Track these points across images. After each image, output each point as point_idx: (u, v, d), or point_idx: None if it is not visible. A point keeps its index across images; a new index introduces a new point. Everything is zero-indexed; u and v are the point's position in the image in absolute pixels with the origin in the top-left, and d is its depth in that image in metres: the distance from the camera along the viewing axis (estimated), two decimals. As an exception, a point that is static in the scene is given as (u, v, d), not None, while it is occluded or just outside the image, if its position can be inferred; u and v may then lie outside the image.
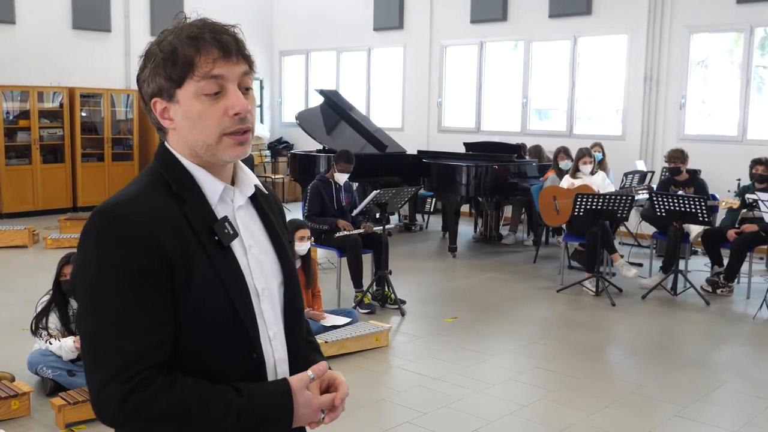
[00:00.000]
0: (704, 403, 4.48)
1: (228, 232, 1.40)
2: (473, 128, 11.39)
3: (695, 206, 6.61)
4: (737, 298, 6.92)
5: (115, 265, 1.29)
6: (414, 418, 4.18)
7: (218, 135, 1.38)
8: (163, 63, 1.36)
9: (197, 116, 1.37)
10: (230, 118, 1.37)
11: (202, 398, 1.30)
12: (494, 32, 11.05)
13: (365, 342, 5.25)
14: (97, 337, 1.29)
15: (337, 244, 6.39)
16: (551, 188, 7.65)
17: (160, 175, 1.41)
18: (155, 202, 1.36)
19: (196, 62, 1.35)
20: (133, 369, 1.26)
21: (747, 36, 8.95)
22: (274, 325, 1.47)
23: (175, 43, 1.35)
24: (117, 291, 1.29)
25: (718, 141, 9.19)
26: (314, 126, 9.51)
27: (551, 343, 5.61)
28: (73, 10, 11.27)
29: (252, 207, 1.52)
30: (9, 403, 4.01)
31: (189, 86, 1.36)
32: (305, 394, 1.38)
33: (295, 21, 13.55)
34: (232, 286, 1.38)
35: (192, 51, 1.34)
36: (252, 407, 1.32)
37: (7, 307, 6.16)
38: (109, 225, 1.31)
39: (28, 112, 10.59)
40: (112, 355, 1.27)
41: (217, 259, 1.37)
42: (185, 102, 1.37)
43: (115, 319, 1.28)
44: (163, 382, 1.27)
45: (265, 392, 1.36)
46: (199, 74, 1.35)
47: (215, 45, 1.35)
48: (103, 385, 1.27)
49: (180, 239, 1.34)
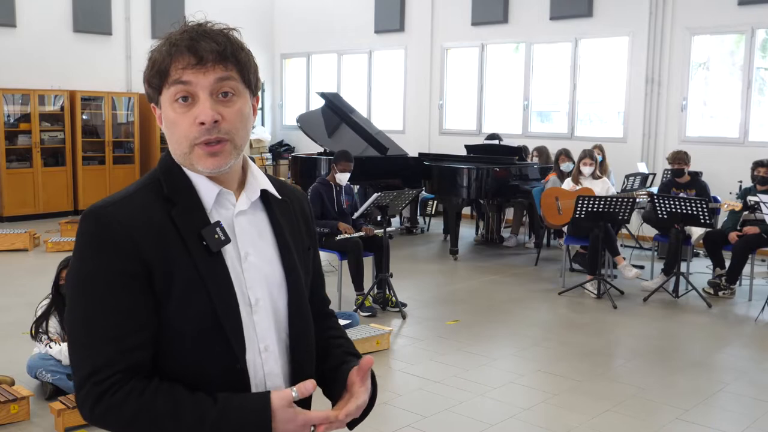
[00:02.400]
0: (706, 406, 4.46)
1: (218, 237, 1.37)
2: (474, 131, 11.38)
3: (697, 208, 6.59)
4: (739, 301, 6.90)
5: (95, 267, 1.30)
6: (415, 421, 4.16)
7: (189, 145, 1.36)
8: (148, 70, 1.38)
9: (171, 124, 1.37)
10: (197, 127, 1.34)
11: (175, 406, 1.28)
12: (495, 34, 11.04)
13: (366, 345, 5.24)
14: (77, 337, 1.32)
15: (338, 247, 6.38)
16: (554, 189, 7.64)
17: (158, 178, 1.40)
18: (141, 206, 1.35)
19: (170, 69, 1.34)
20: (105, 372, 1.27)
21: (748, 38, 8.93)
22: (268, 338, 1.43)
23: (157, 50, 1.36)
24: (94, 294, 1.30)
25: (720, 143, 9.18)
26: (315, 129, 9.50)
27: (553, 345, 5.59)
28: (74, 13, 11.28)
29: (262, 213, 1.48)
30: (8, 407, 4.00)
31: (165, 93, 1.37)
32: (287, 411, 1.31)
33: (296, 23, 13.56)
34: (216, 293, 1.35)
35: (167, 58, 1.34)
36: (227, 419, 1.28)
37: (7, 310, 6.15)
38: (91, 228, 1.32)
39: (29, 115, 10.60)
40: (88, 356, 1.29)
41: (204, 265, 1.34)
42: (164, 109, 1.38)
43: (92, 322, 1.30)
44: (135, 387, 1.27)
45: (242, 405, 1.31)
46: (170, 81, 1.35)
47: (188, 51, 1.33)
48: (80, 385, 1.30)
49: (162, 244, 1.32)
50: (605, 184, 7.44)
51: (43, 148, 10.73)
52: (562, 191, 7.48)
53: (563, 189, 7.50)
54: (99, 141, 11.36)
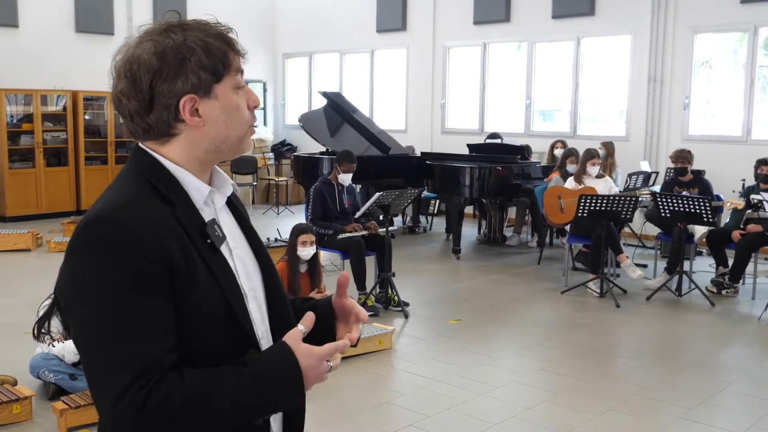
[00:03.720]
0: (709, 405, 4.45)
1: (218, 234, 1.41)
2: (476, 130, 11.37)
3: (699, 207, 6.58)
4: (742, 299, 6.88)
5: (117, 272, 1.26)
6: (418, 420, 4.16)
7: (247, 128, 1.45)
8: (205, 58, 1.36)
9: (235, 110, 1.42)
10: (251, 111, 1.45)
11: (215, 378, 1.29)
12: (497, 33, 11.03)
13: (368, 344, 5.23)
14: (102, 349, 1.26)
15: (341, 247, 6.37)
16: (556, 188, 7.63)
17: (146, 179, 1.38)
18: (150, 207, 1.33)
19: (230, 57, 1.40)
20: (147, 375, 1.24)
21: (751, 36, 8.92)
22: (261, 325, 1.47)
23: (210, 39, 1.38)
24: (124, 300, 1.25)
25: (723, 141, 9.16)
26: (317, 128, 9.49)
27: (555, 345, 5.59)
28: (76, 13, 11.29)
29: (228, 208, 1.53)
30: (11, 407, 4.00)
31: (227, 81, 1.40)
32: (302, 348, 1.36)
33: (298, 23, 13.55)
34: (227, 287, 1.38)
35: (225, 46, 1.39)
36: (259, 373, 1.32)
37: (10, 310, 6.15)
38: (105, 232, 1.28)
39: (31, 115, 10.61)
40: (124, 365, 1.24)
41: (212, 262, 1.37)
42: (224, 96, 1.40)
43: (121, 329, 1.25)
44: (172, 378, 1.26)
45: (267, 355, 1.36)
46: (233, 69, 1.41)
47: (235, 44, 1.42)
48: (119, 396, 1.23)
49: (179, 244, 1.32)
50: (607, 183, 7.43)
51: (45, 148, 10.74)
52: (565, 190, 7.47)
53: (566, 188, 7.49)
54: (101, 141, 11.36)
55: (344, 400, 4.46)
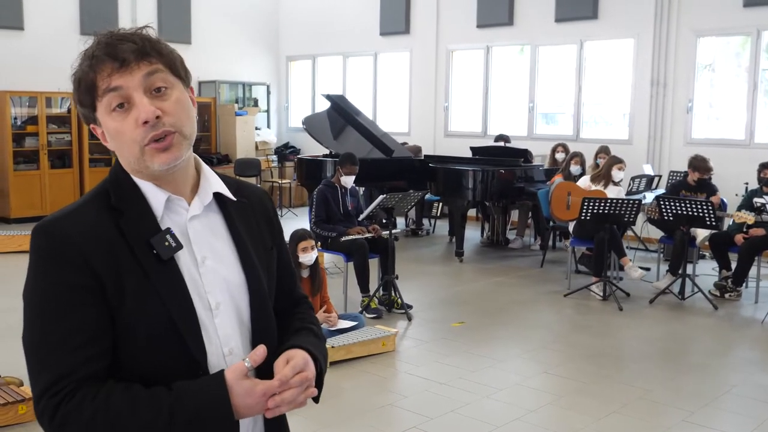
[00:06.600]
0: (712, 409, 4.45)
1: (169, 244, 1.35)
2: (480, 133, 11.38)
3: (703, 210, 6.58)
4: (745, 303, 6.88)
5: (46, 282, 1.32)
6: (421, 423, 4.17)
7: (139, 148, 1.34)
8: (76, 91, 1.37)
9: (116, 134, 1.36)
10: (141, 128, 1.33)
11: (132, 401, 1.27)
12: (501, 36, 11.05)
13: (372, 347, 5.25)
14: (32, 353, 1.32)
15: (344, 249, 6.39)
16: (568, 184, 7.64)
17: (106, 189, 1.40)
18: (89, 218, 1.35)
19: (96, 81, 1.33)
20: (60, 384, 1.27)
21: (754, 39, 8.92)
22: (233, 341, 1.42)
23: (78, 69, 1.36)
24: (46, 308, 1.31)
25: (726, 145, 9.16)
26: (321, 131, 9.51)
27: (558, 347, 5.60)
28: (81, 15, 11.33)
29: (217, 215, 1.47)
30: (16, 408, 4.02)
31: (100, 107, 1.36)
32: (243, 384, 1.31)
33: (301, 26, 13.58)
34: (171, 300, 1.34)
35: (90, 72, 1.34)
36: (183, 404, 1.28)
37: (15, 311, 6.16)
38: (40, 242, 1.34)
39: (36, 117, 10.64)
40: (44, 370, 1.30)
41: (155, 273, 1.34)
42: (104, 123, 1.37)
43: (46, 337, 1.30)
44: (87, 392, 1.27)
45: (198, 387, 1.30)
46: (100, 92, 1.34)
47: (108, 58, 1.33)
48: (37, 399, 1.30)
49: (111, 254, 1.32)
50: (620, 193, 7.37)
51: (50, 150, 10.77)
52: (576, 188, 7.49)
53: (578, 186, 7.51)
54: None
55: (347, 402, 4.47)
